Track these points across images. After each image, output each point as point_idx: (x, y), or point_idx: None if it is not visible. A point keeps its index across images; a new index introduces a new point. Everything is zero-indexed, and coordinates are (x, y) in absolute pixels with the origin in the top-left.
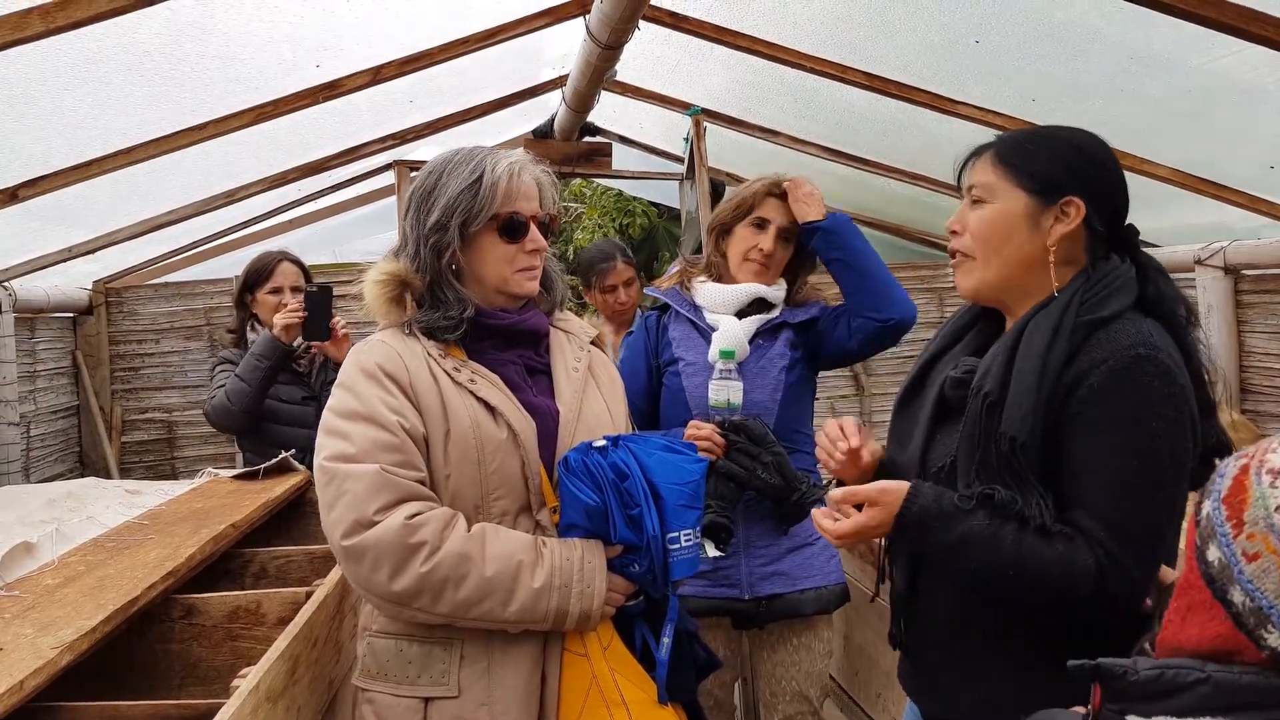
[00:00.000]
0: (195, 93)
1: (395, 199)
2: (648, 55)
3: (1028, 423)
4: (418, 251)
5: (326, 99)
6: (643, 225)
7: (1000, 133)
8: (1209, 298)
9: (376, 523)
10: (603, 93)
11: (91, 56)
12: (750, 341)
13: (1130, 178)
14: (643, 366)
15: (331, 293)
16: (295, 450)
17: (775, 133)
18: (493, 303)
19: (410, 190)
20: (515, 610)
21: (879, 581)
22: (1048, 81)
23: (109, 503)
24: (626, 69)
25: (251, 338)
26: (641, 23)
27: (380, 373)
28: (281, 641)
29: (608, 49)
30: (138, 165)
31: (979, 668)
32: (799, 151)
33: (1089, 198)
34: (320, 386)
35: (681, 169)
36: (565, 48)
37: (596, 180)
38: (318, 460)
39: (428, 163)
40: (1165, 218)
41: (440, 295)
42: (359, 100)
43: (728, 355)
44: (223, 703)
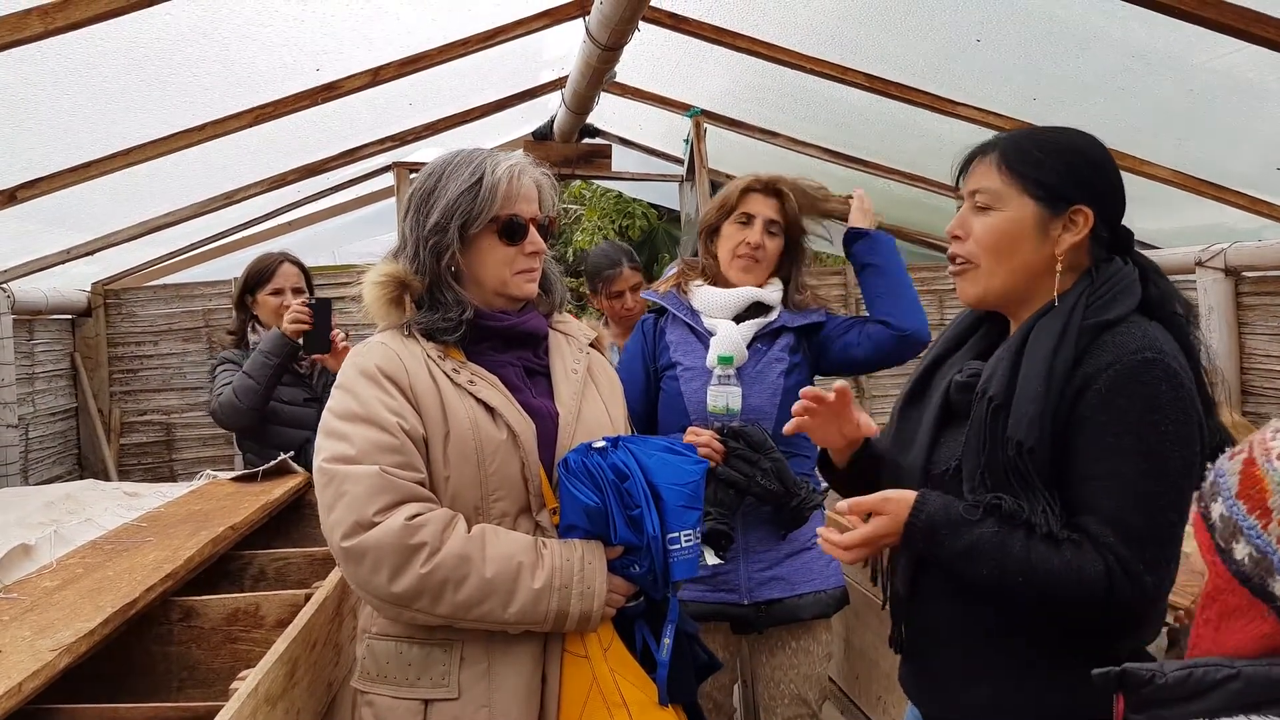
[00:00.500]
0: (194, 94)
1: (394, 201)
2: (647, 56)
3: (1034, 427)
4: (417, 253)
5: (326, 101)
6: (642, 227)
7: (999, 133)
8: (1209, 299)
9: (376, 524)
10: (602, 94)
11: (90, 58)
12: (748, 346)
13: (1130, 178)
14: (640, 370)
15: (331, 305)
16: (295, 452)
17: (774, 134)
18: (492, 305)
19: (410, 192)
20: (515, 611)
21: (885, 590)
22: (1048, 81)
23: (107, 505)
24: (626, 70)
25: (253, 339)
26: (641, 24)
27: (379, 374)
28: (281, 644)
29: (607, 50)
30: (137, 167)
31: (979, 669)
32: (798, 153)
33: (1097, 206)
34: (322, 389)
35: (681, 170)
36: (565, 49)
37: (596, 182)
38: (317, 462)
39: (427, 164)
40: (1165, 219)
41: (439, 297)
42: (358, 102)
43: (726, 361)
44: (222, 705)
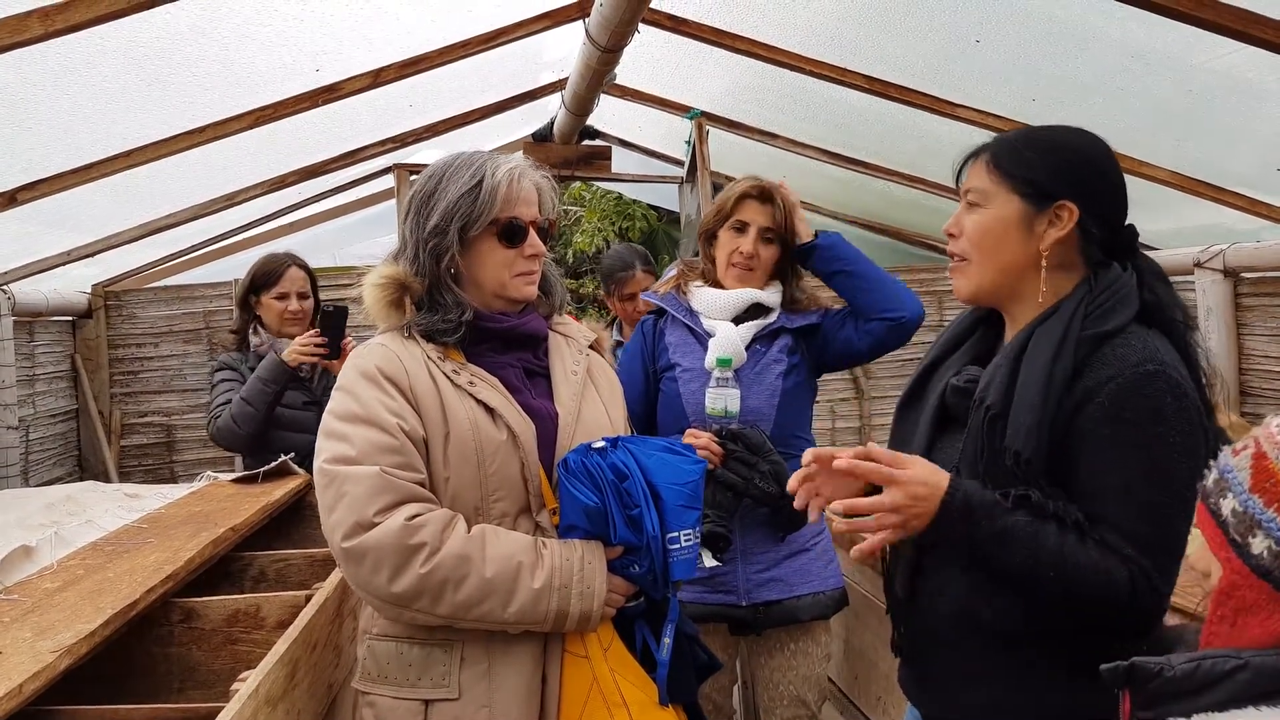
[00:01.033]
0: (194, 96)
1: (395, 202)
2: (647, 58)
3: (1032, 437)
4: (417, 255)
5: (326, 102)
6: (642, 229)
7: (997, 134)
8: (1208, 301)
9: (377, 524)
10: (602, 96)
11: (91, 60)
12: (747, 347)
13: (1129, 180)
14: (639, 371)
15: (347, 313)
16: (295, 454)
17: (774, 135)
18: (491, 306)
19: (410, 194)
20: (515, 611)
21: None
22: (1047, 81)
23: (108, 506)
24: (626, 72)
25: (254, 341)
26: (641, 25)
27: (380, 375)
28: (281, 645)
29: (607, 52)
30: (137, 168)
31: (979, 670)
32: (798, 154)
33: (1083, 201)
34: (322, 392)
35: (680, 172)
36: (565, 51)
37: (596, 183)
38: (318, 463)
39: (428, 167)
40: (1164, 220)
41: (439, 299)
42: (358, 103)
43: (725, 363)
44: (222, 706)
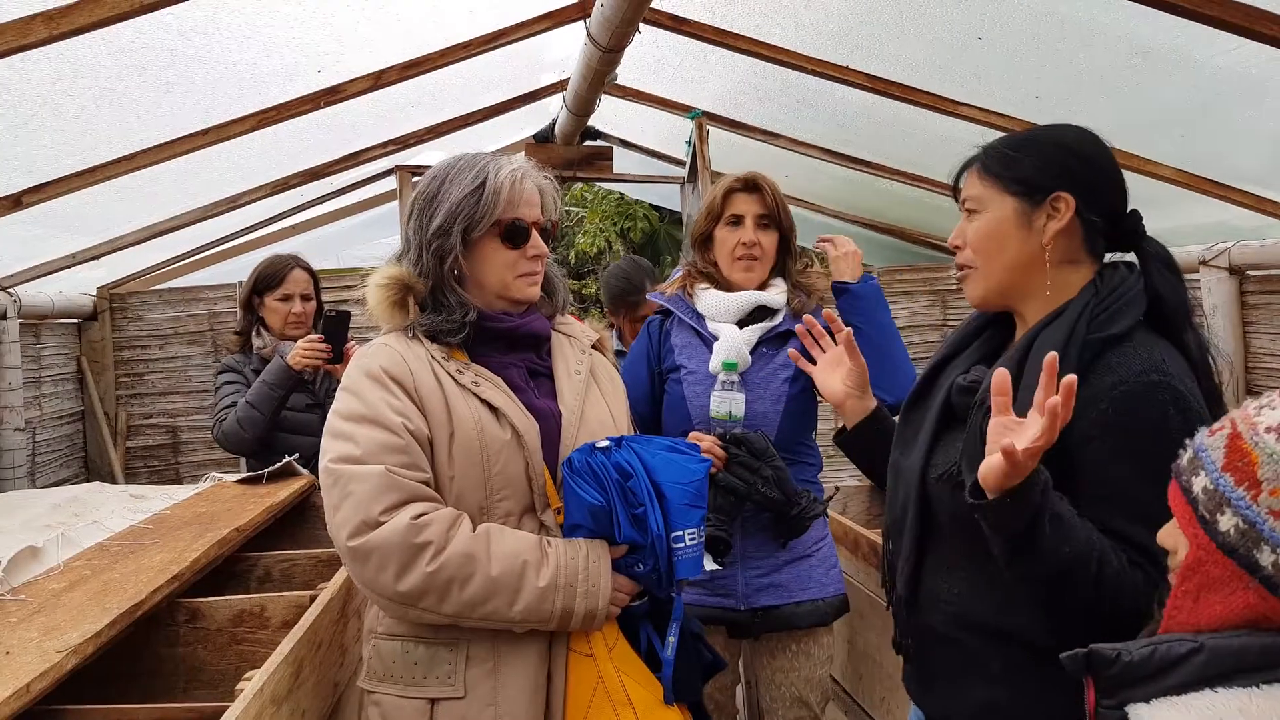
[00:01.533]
0: (198, 98)
1: (397, 204)
2: (648, 58)
3: None
4: (420, 257)
5: (328, 104)
6: (644, 229)
7: (996, 135)
8: (1214, 299)
9: (382, 523)
10: (603, 96)
11: (94, 62)
12: (753, 351)
13: (1134, 178)
14: (644, 372)
15: (349, 318)
16: (300, 456)
17: (776, 135)
18: (494, 307)
19: (413, 196)
20: (520, 610)
21: (887, 593)
22: (1051, 79)
23: (114, 507)
24: (627, 72)
25: (257, 343)
26: (642, 25)
27: (384, 375)
28: (286, 645)
29: (608, 52)
30: (141, 171)
31: (981, 670)
32: (800, 154)
33: (1078, 191)
34: (325, 394)
35: (682, 172)
36: (566, 51)
37: (597, 184)
38: (323, 463)
39: (430, 168)
40: (1169, 218)
41: (442, 299)
42: (360, 105)
43: (730, 367)
44: (227, 706)
